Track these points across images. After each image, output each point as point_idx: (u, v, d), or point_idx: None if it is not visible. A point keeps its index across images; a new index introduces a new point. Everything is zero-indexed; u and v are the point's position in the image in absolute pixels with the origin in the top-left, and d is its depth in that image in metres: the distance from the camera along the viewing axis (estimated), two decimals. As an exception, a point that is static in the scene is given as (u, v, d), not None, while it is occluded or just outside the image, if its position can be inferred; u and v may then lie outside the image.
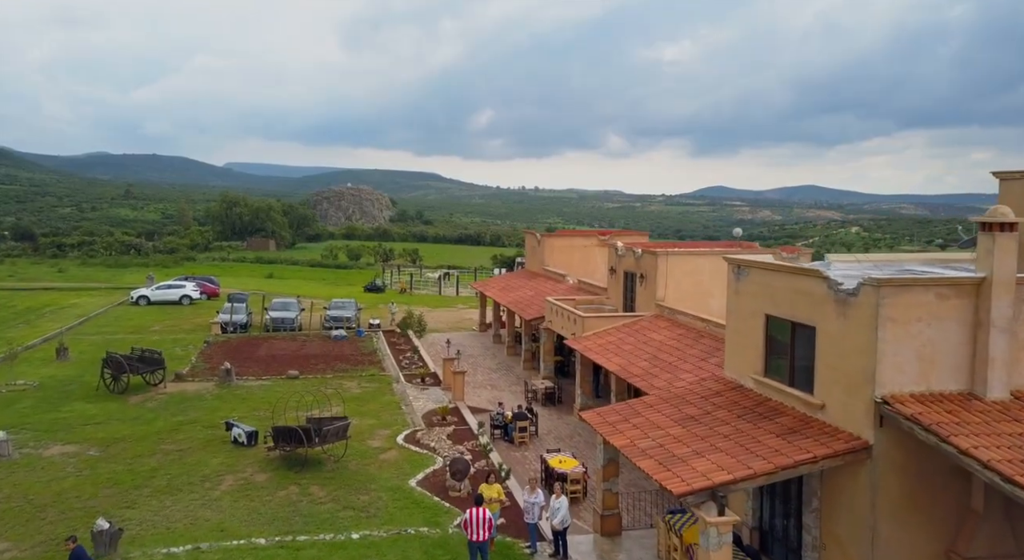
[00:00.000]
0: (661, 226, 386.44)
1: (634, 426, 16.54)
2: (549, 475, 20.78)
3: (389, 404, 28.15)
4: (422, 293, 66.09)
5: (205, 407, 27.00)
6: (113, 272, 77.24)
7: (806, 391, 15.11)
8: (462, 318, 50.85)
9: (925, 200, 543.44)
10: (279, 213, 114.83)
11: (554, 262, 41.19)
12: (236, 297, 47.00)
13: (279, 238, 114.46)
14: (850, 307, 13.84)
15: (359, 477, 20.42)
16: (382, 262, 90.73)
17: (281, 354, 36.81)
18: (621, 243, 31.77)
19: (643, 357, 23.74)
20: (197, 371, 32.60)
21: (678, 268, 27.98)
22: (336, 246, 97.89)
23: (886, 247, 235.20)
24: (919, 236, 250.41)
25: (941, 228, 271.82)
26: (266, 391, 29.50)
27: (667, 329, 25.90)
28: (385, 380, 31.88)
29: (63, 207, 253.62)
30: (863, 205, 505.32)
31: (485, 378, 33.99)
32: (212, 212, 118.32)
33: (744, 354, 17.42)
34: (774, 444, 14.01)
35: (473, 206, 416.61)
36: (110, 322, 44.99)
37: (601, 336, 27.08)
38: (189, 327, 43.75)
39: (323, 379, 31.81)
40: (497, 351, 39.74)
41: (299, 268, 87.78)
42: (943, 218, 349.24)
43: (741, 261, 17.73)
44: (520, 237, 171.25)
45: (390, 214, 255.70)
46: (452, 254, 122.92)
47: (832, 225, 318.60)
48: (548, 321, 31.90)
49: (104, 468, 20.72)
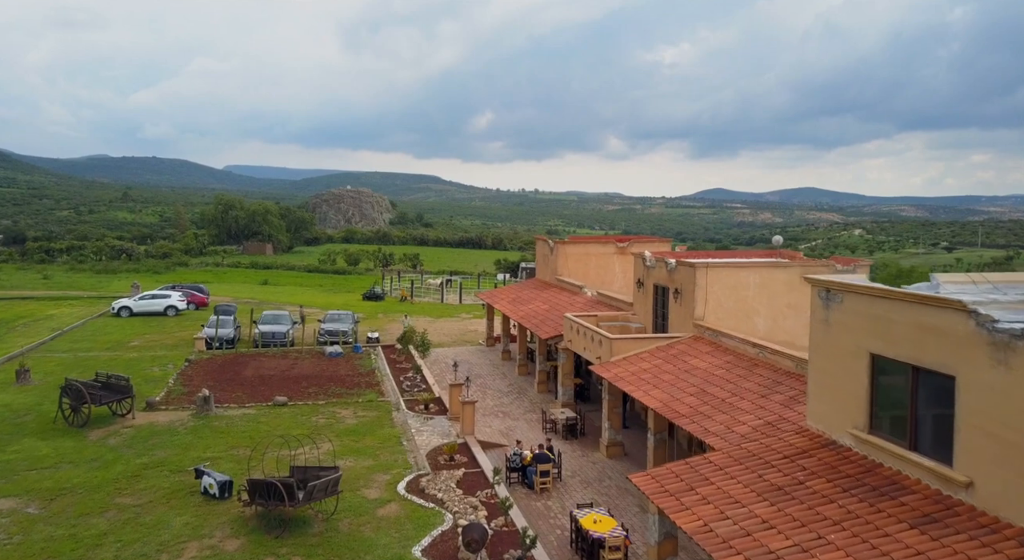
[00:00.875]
0: (662, 229, 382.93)
1: (703, 498, 12.76)
2: (581, 537, 17.04)
3: (388, 439, 24.35)
4: (424, 301, 62.31)
5: (176, 444, 23.18)
6: (101, 279, 73.46)
7: (941, 461, 11.32)
8: (467, 330, 47.08)
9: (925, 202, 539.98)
10: (276, 216, 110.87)
11: (568, 272, 37.44)
12: (223, 309, 43.19)
13: (276, 242, 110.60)
14: (1017, 354, 10.06)
15: (352, 543, 16.62)
16: (382, 268, 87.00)
17: (270, 375, 33.01)
18: (650, 253, 28.00)
19: (688, 390, 19.96)
20: (172, 397, 28.76)
21: (719, 282, 24.21)
22: (334, 250, 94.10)
23: (890, 249, 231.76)
24: (924, 238, 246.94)
25: (945, 230, 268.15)
26: (249, 422, 25.69)
27: (711, 354, 22.13)
28: (384, 407, 28.08)
29: (60, 210, 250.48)
30: (863, 207, 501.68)
31: (495, 403, 30.20)
32: (207, 215, 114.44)
33: (839, 402, 13.65)
34: (912, 541, 10.20)
35: (473, 208, 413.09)
36: (86, 337, 41.15)
37: (633, 362, 23.30)
38: (172, 342, 39.93)
39: (315, 406, 28.02)
40: (507, 370, 35.96)
41: (296, 274, 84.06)
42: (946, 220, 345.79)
43: (832, 283, 13.95)
44: (523, 240, 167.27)
45: (390, 217, 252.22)
46: (453, 258, 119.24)
47: (834, 227, 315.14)
48: (567, 340, 28.12)
49: (41, 532, 16.90)
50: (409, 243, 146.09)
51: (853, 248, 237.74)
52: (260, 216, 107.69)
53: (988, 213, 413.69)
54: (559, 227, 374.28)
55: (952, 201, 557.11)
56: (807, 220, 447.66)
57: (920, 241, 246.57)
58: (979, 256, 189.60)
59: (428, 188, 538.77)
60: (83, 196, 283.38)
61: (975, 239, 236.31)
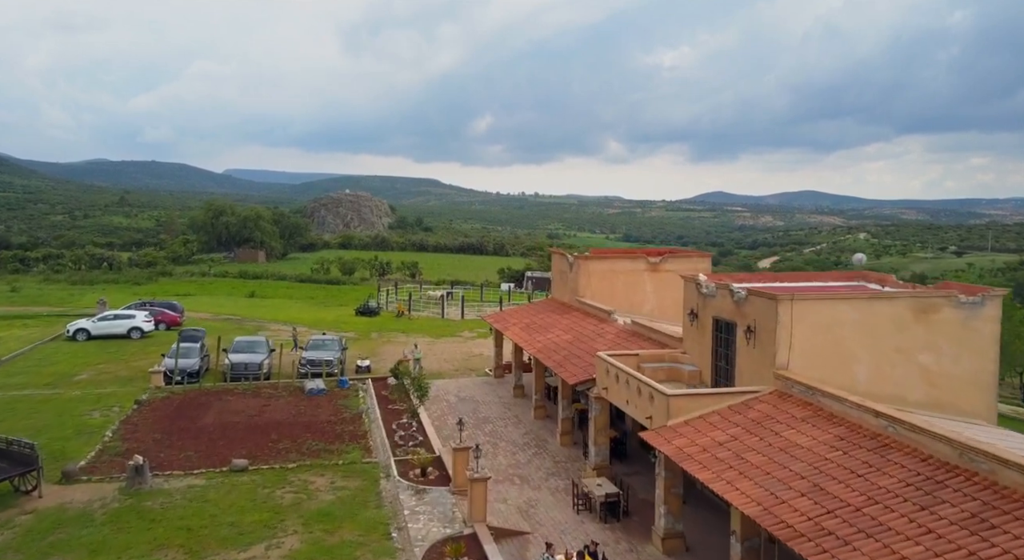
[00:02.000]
0: (664, 232, 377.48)
1: None
2: None
3: (373, 527, 18.23)
4: (422, 316, 56.19)
5: (82, 545, 17.00)
6: (75, 291, 67.29)
7: None
8: (471, 354, 41.01)
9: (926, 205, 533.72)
10: (269, 222, 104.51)
11: (592, 293, 31.35)
12: (188, 335, 37.05)
13: (269, 249, 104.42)
14: None
15: None
16: (378, 277, 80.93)
17: (234, 422, 26.86)
18: (705, 276, 21.91)
19: (794, 484, 13.83)
20: (103, 460, 22.57)
21: (808, 318, 18.14)
22: (328, 258, 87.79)
23: (897, 254, 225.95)
24: (931, 243, 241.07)
25: (951, 234, 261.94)
26: (193, 501, 19.54)
27: (811, 424, 16.02)
28: (370, 473, 21.96)
29: (55, 215, 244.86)
30: (864, 210, 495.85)
31: (509, 462, 24.06)
32: (198, 221, 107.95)
33: None
34: None
35: (473, 212, 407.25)
36: (27, 368, 34.98)
37: (700, 429, 17.17)
38: (127, 374, 33.82)
39: (282, 471, 21.91)
40: (521, 411, 29.84)
41: (286, 284, 77.96)
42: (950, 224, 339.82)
43: None
44: (524, 245, 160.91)
45: (389, 221, 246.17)
46: (454, 265, 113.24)
47: (838, 231, 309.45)
48: (601, 388, 22.01)
49: None
50: (408, 249, 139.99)
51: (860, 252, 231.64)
52: (252, 222, 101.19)
53: (989, 216, 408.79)
54: (559, 231, 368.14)
55: (952, 204, 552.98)
56: (808, 223, 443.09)
57: (928, 245, 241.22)
58: (991, 260, 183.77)
59: (428, 192, 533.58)
60: (79, 200, 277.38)
61: (983, 243, 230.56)
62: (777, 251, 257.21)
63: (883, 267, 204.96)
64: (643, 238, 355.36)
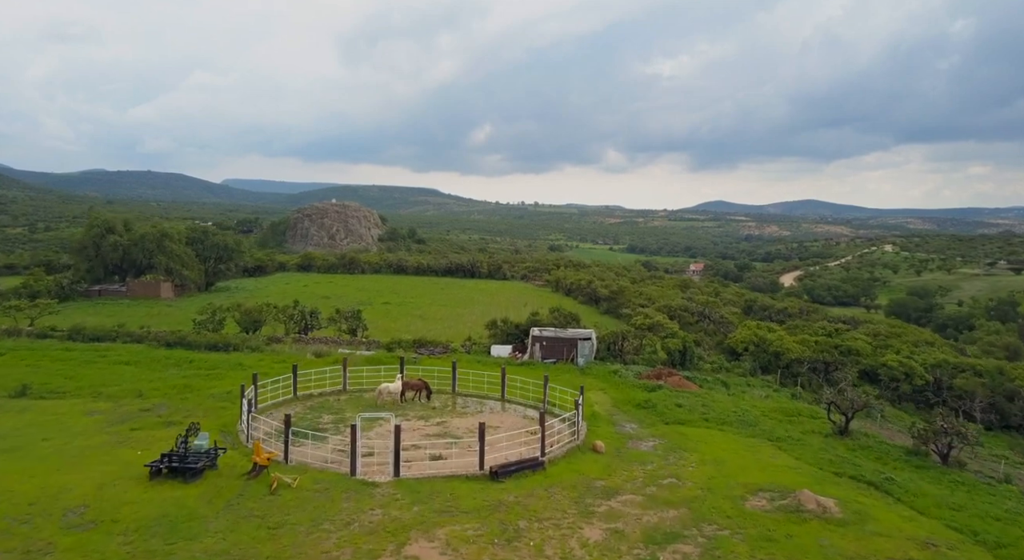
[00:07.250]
0: (669, 243, 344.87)
1: None
2: None
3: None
4: (320, 467, 23.86)
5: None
6: None
7: None
8: None
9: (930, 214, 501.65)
10: (179, 242, 72.26)
11: None
12: None
13: (180, 278, 72.14)
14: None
15: None
16: (296, 334, 48.78)
17: None
18: None
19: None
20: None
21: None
22: (223, 306, 53.15)
23: (938, 269, 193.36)
24: (969, 255, 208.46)
25: (991, 246, 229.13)
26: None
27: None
28: None
29: (16, 227, 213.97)
30: (868, 219, 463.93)
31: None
32: (75, 243, 75.47)
33: None
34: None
35: (472, 222, 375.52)
36: None
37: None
38: None
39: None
40: None
41: (108, 364, 39.82)
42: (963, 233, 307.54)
43: None
44: (527, 267, 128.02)
45: (379, 233, 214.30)
46: (434, 296, 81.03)
47: (857, 243, 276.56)
48: None
49: None
50: (383, 271, 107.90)
51: (894, 267, 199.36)
52: (153, 242, 69.05)
53: (998, 225, 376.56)
54: (561, 241, 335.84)
55: (954, 213, 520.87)
56: (815, 233, 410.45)
57: (968, 259, 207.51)
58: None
59: (426, 201, 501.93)
60: (50, 211, 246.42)
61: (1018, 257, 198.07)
62: (798, 264, 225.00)
63: (929, 285, 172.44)
64: (649, 249, 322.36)
